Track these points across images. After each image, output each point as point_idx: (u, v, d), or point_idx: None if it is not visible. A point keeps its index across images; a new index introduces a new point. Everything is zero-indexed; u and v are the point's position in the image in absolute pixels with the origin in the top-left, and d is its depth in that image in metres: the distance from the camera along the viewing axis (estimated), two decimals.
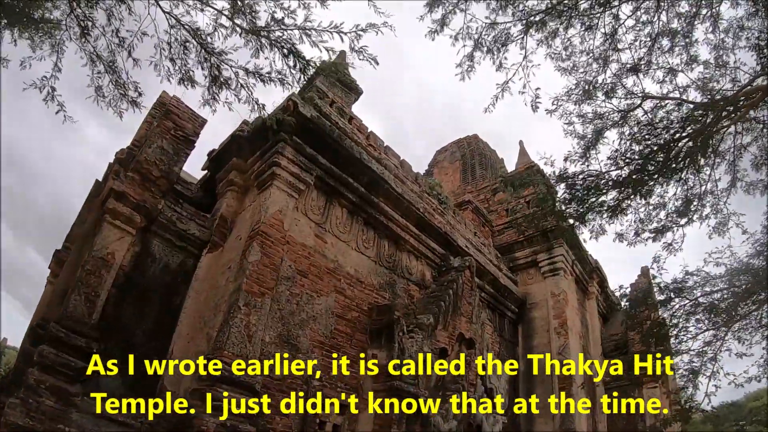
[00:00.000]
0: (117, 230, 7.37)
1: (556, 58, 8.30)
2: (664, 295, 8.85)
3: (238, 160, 8.92)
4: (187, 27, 6.28)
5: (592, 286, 15.64)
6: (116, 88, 6.84)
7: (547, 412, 12.25)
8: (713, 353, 8.57)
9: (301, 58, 6.16)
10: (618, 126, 8.28)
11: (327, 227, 8.90)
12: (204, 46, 6.32)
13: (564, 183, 7.96)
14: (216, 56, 6.33)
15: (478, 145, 19.98)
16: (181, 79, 6.62)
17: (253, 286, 7.23)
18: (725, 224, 8.79)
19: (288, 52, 6.14)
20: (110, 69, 6.74)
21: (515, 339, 13.75)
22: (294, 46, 6.15)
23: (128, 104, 6.92)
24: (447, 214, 11.87)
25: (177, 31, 6.37)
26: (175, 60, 6.52)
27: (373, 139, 10.35)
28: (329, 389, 7.88)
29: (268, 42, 6.18)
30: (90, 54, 6.65)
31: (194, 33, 6.27)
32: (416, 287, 10.53)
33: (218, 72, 6.41)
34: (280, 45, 6.15)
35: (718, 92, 7.68)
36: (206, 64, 6.41)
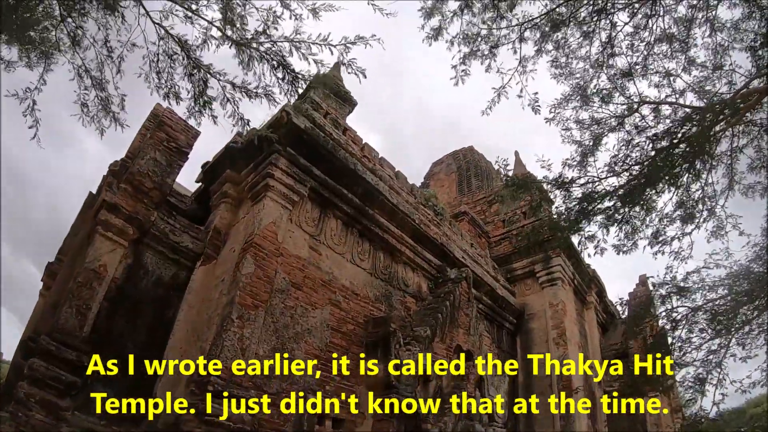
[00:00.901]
0: (109, 242, 7.29)
1: (553, 65, 8.30)
2: (664, 298, 8.81)
3: (232, 172, 8.86)
4: (176, 38, 6.23)
5: (590, 296, 15.56)
6: (100, 103, 6.78)
7: (548, 423, 12.13)
8: (717, 361, 8.50)
9: (290, 70, 6.14)
10: (615, 131, 8.28)
11: (321, 239, 8.82)
12: (192, 58, 6.27)
13: (560, 189, 7.92)
14: (204, 69, 6.28)
15: (473, 157, 20.01)
16: (166, 94, 6.57)
17: (247, 299, 7.13)
18: (723, 228, 8.78)
19: (277, 64, 6.12)
20: (97, 84, 6.69)
21: (514, 350, 13.63)
22: (284, 58, 6.13)
23: (110, 121, 6.87)
24: (443, 225, 11.80)
25: (166, 42, 6.32)
26: (162, 73, 6.47)
27: (367, 151, 10.30)
28: None
29: (257, 54, 6.15)
30: (78, 68, 6.61)
31: (183, 45, 6.21)
32: (413, 299, 10.43)
33: (205, 86, 6.36)
34: (269, 57, 6.12)
35: (715, 95, 7.69)
36: (193, 77, 6.35)
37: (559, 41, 7.98)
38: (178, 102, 6.58)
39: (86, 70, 6.61)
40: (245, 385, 6.70)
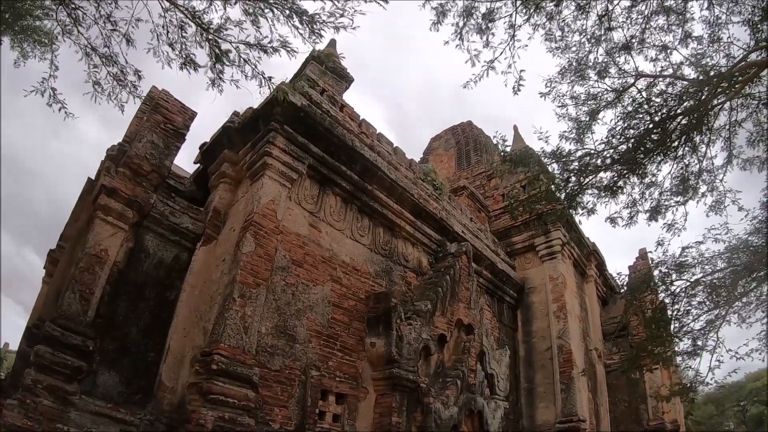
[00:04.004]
0: (109, 226, 7.30)
1: (547, 38, 8.21)
2: (664, 275, 8.83)
3: (230, 152, 8.85)
4: (182, 8, 6.11)
5: (590, 270, 15.61)
6: (114, 79, 6.69)
7: (549, 396, 12.27)
8: (715, 330, 8.54)
9: (304, 13, 5.95)
10: (612, 106, 8.22)
11: (321, 216, 8.84)
12: (201, 24, 6.11)
13: (558, 162, 7.90)
14: (215, 33, 6.11)
15: (472, 132, 19.92)
16: (183, 64, 6.40)
17: (248, 278, 7.17)
18: (722, 202, 8.76)
19: (290, 12, 5.96)
20: (106, 60, 6.59)
21: (515, 324, 13.74)
22: (294, 2, 5.97)
23: (128, 94, 6.79)
24: (442, 200, 11.81)
25: (172, 13, 6.18)
26: (174, 44, 6.33)
27: (365, 127, 10.28)
28: (328, 379, 7.86)
29: (267, 5, 5.97)
30: (84, 47, 6.50)
31: (191, 13, 6.07)
32: (413, 274, 10.48)
33: (219, 50, 6.19)
34: (281, 6, 5.94)
35: (713, 68, 7.62)
36: (205, 43, 6.20)
37: (552, 12, 7.87)
38: (196, 70, 6.40)
39: (93, 48, 6.50)
40: (248, 363, 6.77)
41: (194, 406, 6.34)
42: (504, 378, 10.46)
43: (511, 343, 13.01)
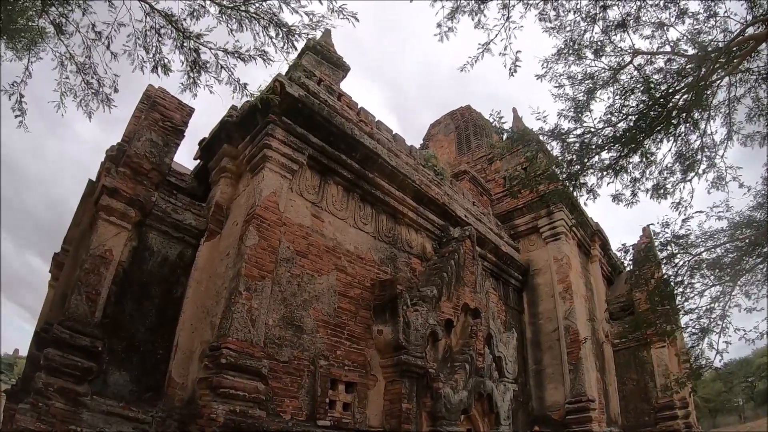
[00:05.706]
0: (112, 227, 7.33)
1: (541, 18, 8.12)
2: (667, 250, 8.80)
3: (229, 146, 8.84)
4: (162, 12, 6.12)
5: (594, 249, 15.60)
6: (87, 87, 6.69)
7: (557, 377, 12.32)
8: (722, 309, 8.50)
9: (283, 25, 6.02)
10: (609, 85, 8.15)
11: (323, 206, 8.84)
12: (179, 29, 6.15)
13: (557, 140, 7.85)
14: (194, 39, 6.17)
15: (471, 116, 19.83)
16: (155, 66, 6.44)
17: (253, 270, 7.19)
18: (723, 178, 8.70)
19: (267, 22, 6.01)
20: (81, 69, 6.60)
21: (521, 306, 13.77)
22: (275, 15, 6.02)
23: (99, 103, 6.80)
24: (444, 185, 11.79)
25: (152, 18, 6.20)
26: (149, 48, 6.34)
27: (364, 115, 10.25)
28: (337, 368, 7.89)
29: (247, 15, 6.04)
30: (61, 56, 6.51)
31: (169, 18, 6.10)
32: (418, 260, 10.50)
33: (197, 55, 6.24)
34: (259, 17, 6.01)
35: (710, 44, 7.54)
36: (183, 48, 6.24)
37: None
38: (167, 73, 6.45)
39: (70, 56, 6.49)
40: (257, 355, 6.80)
41: (205, 400, 6.37)
42: (512, 360, 10.49)
43: (518, 326, 13.05)
